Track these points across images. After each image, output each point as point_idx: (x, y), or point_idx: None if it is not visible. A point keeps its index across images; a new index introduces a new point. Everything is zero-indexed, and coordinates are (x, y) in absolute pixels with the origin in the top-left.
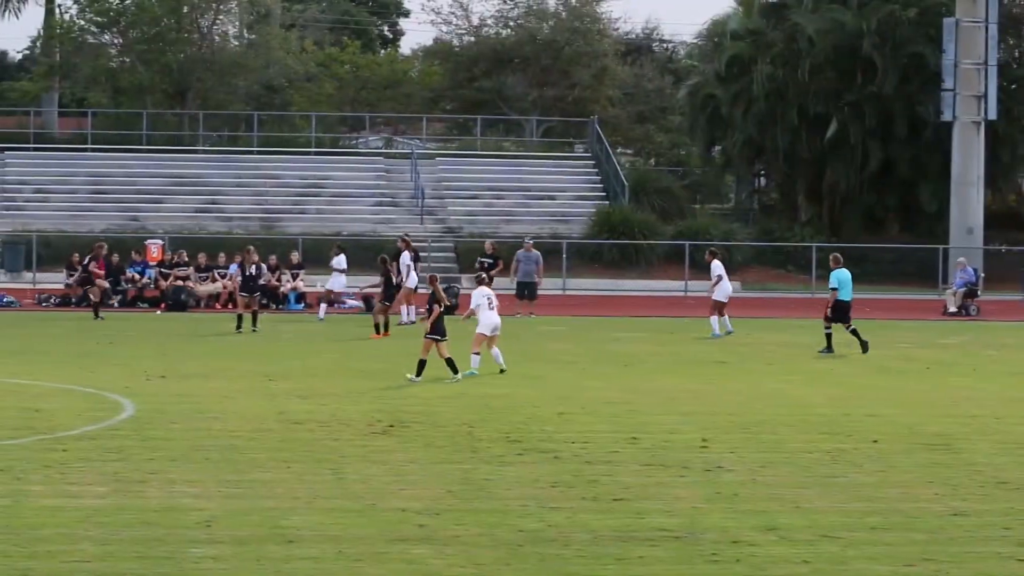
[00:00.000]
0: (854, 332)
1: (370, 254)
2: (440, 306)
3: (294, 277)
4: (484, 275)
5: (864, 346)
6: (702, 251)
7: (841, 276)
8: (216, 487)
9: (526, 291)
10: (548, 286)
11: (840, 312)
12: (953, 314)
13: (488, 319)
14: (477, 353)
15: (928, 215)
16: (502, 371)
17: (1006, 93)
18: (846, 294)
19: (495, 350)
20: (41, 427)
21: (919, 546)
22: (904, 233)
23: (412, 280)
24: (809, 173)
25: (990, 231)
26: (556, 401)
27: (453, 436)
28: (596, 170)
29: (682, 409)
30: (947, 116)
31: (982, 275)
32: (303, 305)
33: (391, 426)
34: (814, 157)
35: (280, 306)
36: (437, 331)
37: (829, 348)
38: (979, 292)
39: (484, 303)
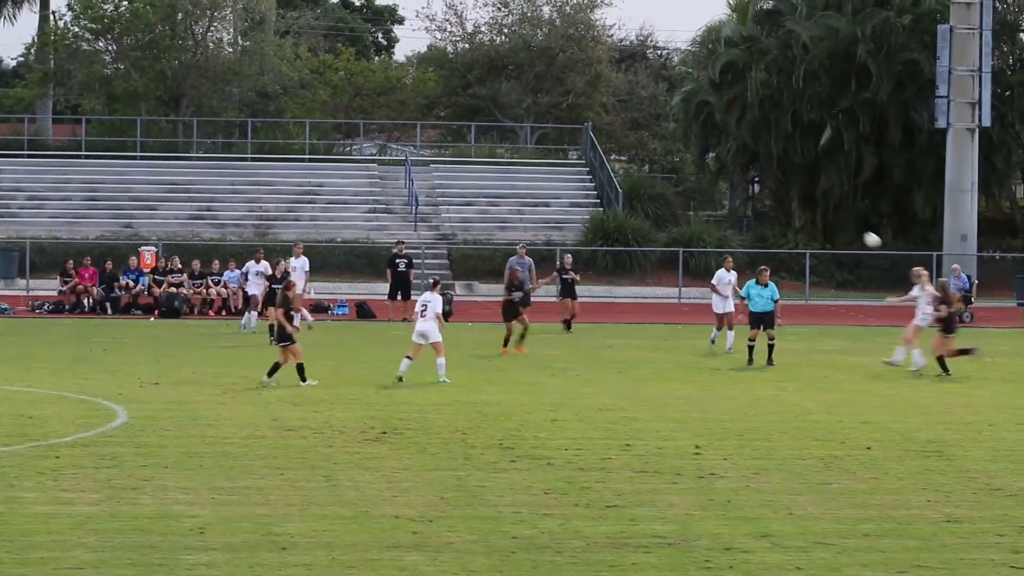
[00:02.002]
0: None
1: (363, 261)
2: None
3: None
4: (432, 279)
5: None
6: (696, 258)
7: (755, 289)
8: (209, 494)
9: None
10: (541, 293)
11: (755, 321)
12: None
13: (417, 325)
14: (408, 357)
15: (922, 221)
16: (398, 377)
17: (1000, 100)
18: (756, 305)
19: (439, 359)
20: (34, 434)
21: (912, 553)
22: (898, 239)
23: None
24: (803, 180)
25: (984, 238)
26: (549, 408)
27: (446, 443)
28: (590, 177)
29: (675, 416)
30: (941, 123)
31: (976, 281)
32: (295, 312)
33: (384, 433)
34: (808, 163)
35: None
36: (286, 337)
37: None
38: (973, 299)
39: (419, 309)
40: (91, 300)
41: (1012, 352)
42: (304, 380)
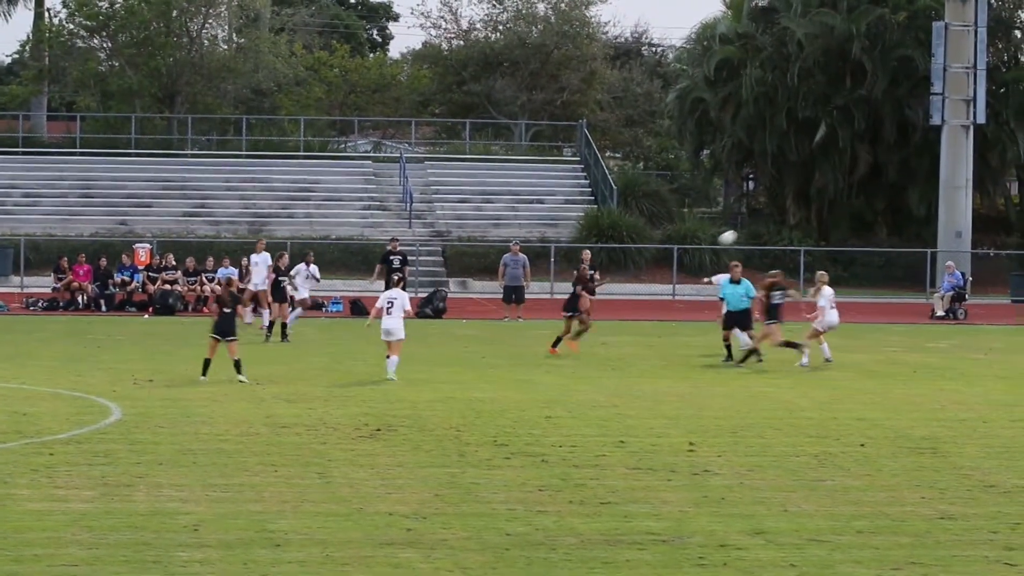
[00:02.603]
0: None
1: (358, 259)
2: (225, 307)
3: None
4: (396, 275)
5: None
6: (690, 255)
7: (729, 287)
8: (203, 491)
9: (514, 295)
10: (536, 290)
11: (730, 320)
12: (941, 318)
13: (383, 322)
14: (388, 356)
15: (916, 219)
16: (388, 379)
17: (995, 97)
18: (731, 304)
19: (393, 358)
20: (28, 431)
21: (906, 550)
22: (892, 237)
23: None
24: (798, 177)
25: (978, 235)
26: (543, 405)
27: (440, 440)
28: (585, 174)
29: (669, 413)
30: (936, 120)
31: (970, 279)
32: (291, 309)
33: (378, 430)
34: (803, 161)
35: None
36: (218, 331)
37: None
38: (967, 296)
39: (385, 305)
40: (85, 297)
41: (1005, 349)
42: (240, 373)
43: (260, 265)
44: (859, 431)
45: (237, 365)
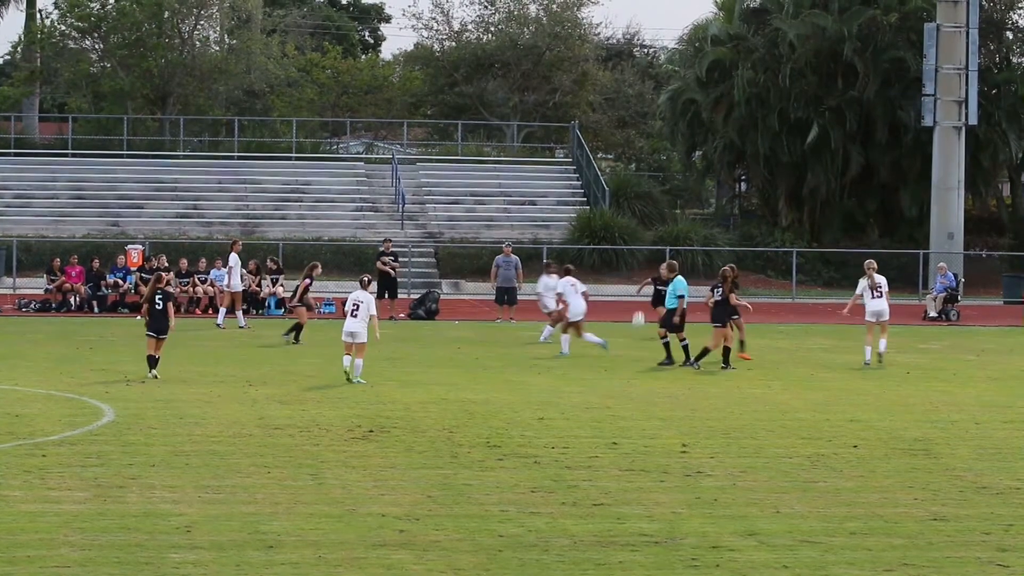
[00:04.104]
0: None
1: (350, 259)
2: (148, 304)
3: (274, 283)
4: (365, 278)
5: (685, 361)
6: (683, 256)
7: (680, 284)
8: (196, 492)
9: (506, 296)
10: (528, 291)
11: (669, 319)
12: (933, 319)
13: (345, 324)
14: (348, 354)
15: (908, 220)
16: (348, 380)
17: (986, 98)
18: (673, 302)
19: (357, 361)
20: (21, 432)
21: (899, 551)
22: (884, 238)
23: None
24: (790, 178)
25: (970, 236)
26: (536, 406)
27: (433, 441)
28: (577, 175)
29: (662, 414)
30: (928, 121)
31: (962, 280)
32: (283, 310)
33: (371, 431)
34: (795, 162)
35: (260, 311)
36: (151, 328)
37: (669, 359)
38: (959, 297)
39: (351, 308)
40: (78, 298)
41: (998, 350)
42: (152, 371)
43: (235, 267)
44: (852, 432)
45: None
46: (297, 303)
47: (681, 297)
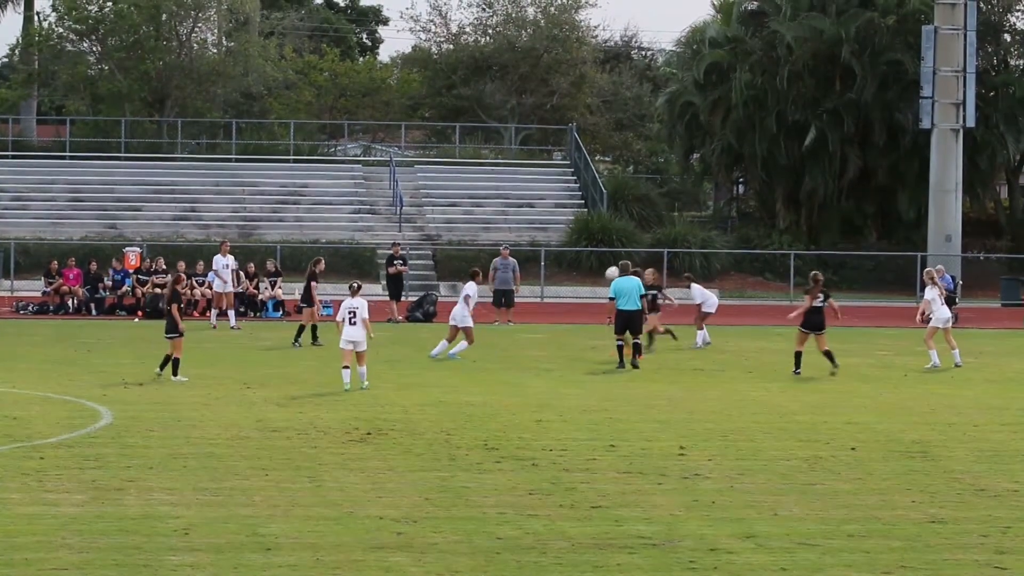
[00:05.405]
0: (635, 347)
1: (348, 262)
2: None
3: (272, 285)
4: (355, 284)
5: (633, 364)
6: (680, 259)
7: (622, 285)
8: (194, 495)
9: (503, 299)
10: (526, 294)
11: (620, 322)
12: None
13: (345, 333)
14: (346, 367)
15: (906, 222)
16: (346, 389)
17: (984, 100)
18: (625, 303)
19: (361, 368)
20: (19, 435)
21: (897, 553)
22: (882, 240)
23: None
24: (787, 180)
25: (968, 238)
26: (534, 409)
27: (431, 444)
28: (575, 178)
29: (660, 417)
30: (925, 123)
31: (960, 282)
32: (281, 313)
33: (369, 434)
34: (792, 164)
35: (258, 314)
36: (174, 330)
37: (621, 363)
38: (957, 300)
39: (347, 316)
40: (75, 301)
41: (996, 352)
42: (176, 375)
43: (227, 269)
44: (850, 435)
45: (175, 364)
46: (303, 304)
47: (643, 296)
